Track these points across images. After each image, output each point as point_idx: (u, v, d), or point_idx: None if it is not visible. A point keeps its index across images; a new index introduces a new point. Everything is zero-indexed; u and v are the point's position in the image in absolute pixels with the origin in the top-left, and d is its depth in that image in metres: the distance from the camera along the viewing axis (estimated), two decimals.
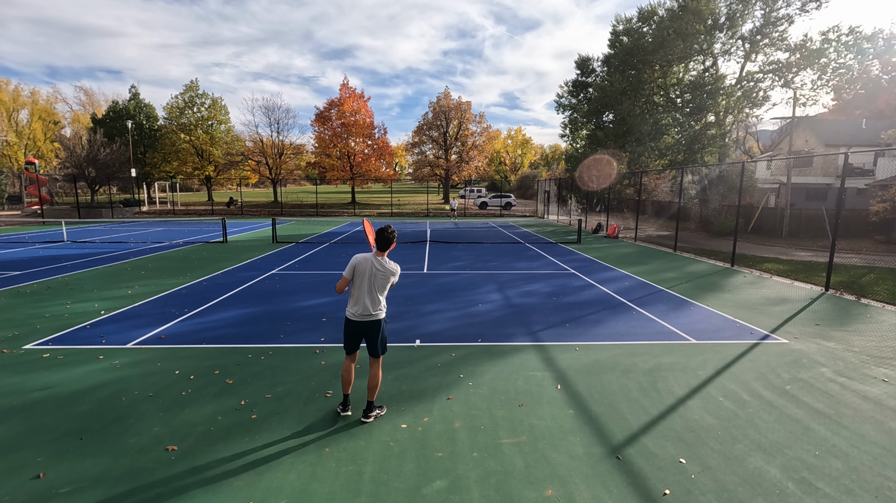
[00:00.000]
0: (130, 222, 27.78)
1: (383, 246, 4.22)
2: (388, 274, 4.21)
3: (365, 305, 4.17)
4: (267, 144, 47.55)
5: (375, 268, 4.16)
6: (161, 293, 9.24)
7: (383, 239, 4.21)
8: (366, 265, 4.16)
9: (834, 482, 3.43)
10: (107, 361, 5.66)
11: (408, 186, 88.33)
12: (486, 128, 55.70)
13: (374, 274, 4.16)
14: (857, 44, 19.58)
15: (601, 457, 3.73)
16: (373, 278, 4.15)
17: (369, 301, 4.17)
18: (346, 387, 4.37)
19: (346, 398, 4.38)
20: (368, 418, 4.23)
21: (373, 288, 4.17)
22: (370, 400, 4.29)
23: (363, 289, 4.17)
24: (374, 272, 4.16)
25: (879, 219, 19.91)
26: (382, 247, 4.22)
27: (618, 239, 20.18)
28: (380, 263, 4.18)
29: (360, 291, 4.18)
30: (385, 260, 4.23)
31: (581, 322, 7.48)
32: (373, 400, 4.29)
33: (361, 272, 4.16)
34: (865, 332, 7.03)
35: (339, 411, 4.37)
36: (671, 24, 21.54)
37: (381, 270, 4.17)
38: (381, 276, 4.18)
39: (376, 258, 4.21)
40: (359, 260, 4.19)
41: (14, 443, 3.90)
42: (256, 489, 3.31)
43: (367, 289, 4.16)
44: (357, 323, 4.22)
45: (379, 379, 4.34)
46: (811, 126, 31.45)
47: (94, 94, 70.10)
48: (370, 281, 4.15)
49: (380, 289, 4.20)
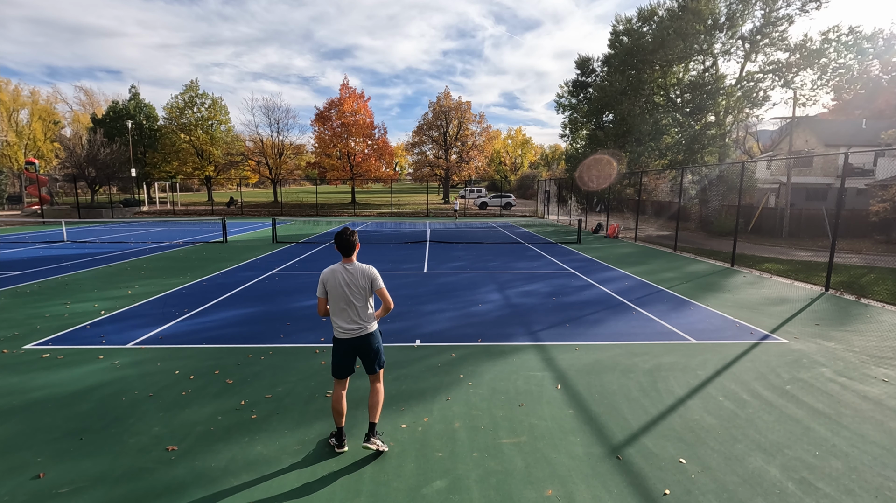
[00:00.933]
0: (130, 222, 27.78)
1: (346, 251, 3.76)
2: (359, 279, 3.72)
3: (351, 319, 3.73)
4: (267, 144, 47.53)
5: (345, 278, 3.70)
6: (161, 293, 9.24)
7: (343, 243, 3.74)
8: (335, 278, 3.71)
9: (834, 482, 3.43)
10: (107, 361, 5.66)
11: (408, 186, 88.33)
12: (486, 128, 55.75)
13: (348, 283, 3.70)
14: (857, 44, 19.58)
15: (601, 457, 3.73)
16: (348, 289, 3.70)
17: (354, 314, 3.73)
18: (340, 419, 3.81)
19: (341, 432, 3.81)
20: (371, 444, 3.69)
21: (351, 299, 3.70)
22: (373, 421, 3.80)
23: (342, 303, 3.72)
24: (346, 282, 3.70)
25: (879, 219, 19.91)
26: (346, 252, 3.76)
27: (618, 239, 20.18)
28: (348, 271, 3.72)
29: (339, 306, 3.73)
30: (354, 265, 3.76)
31: (581, 322, 7.48)
32: (375, 421, 3.81)
33: (333, 286, 3.71)
34: (865, 332, 7.03)
35: (334, 448, 3.79)
36: (671, 24, 21.53)
37: (353, 277, 3.71)
38: (355, 284, 3.71)
39: (343, 266, 3.74)
40: (325, 275, 3.74)
41: (14, 443, 3.90)
42: (256, 489, 3.31)
43: (346, 302, 3.71)
44: (347, 341, 3.77)
45: (382, 395, 3.92)
46: (811, 126, 31.45)
47: (94, 94, 70.15)
48: (347, 292, 3.70)
49: (360, 298, 3.73)
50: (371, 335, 3.82)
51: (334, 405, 3.81)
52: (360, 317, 3.75)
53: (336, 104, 45.05)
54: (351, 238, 3.75)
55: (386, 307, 3.85)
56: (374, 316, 3.86)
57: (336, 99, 45.28)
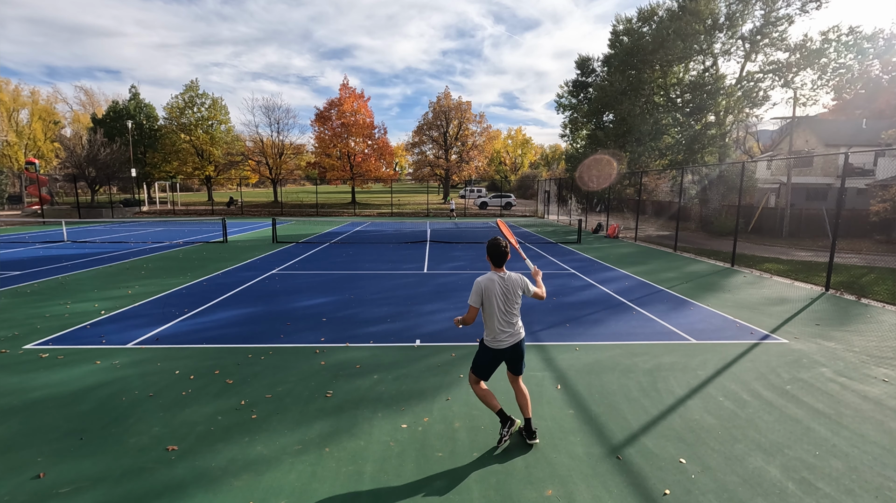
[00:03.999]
0: (130, 222, 27.78)
1: (499, 261, 3.80)
2: (516, 286, 3.80)
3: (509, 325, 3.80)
4: (267, 144, 47.54)
5: (502, 288, 3.76)
6: (161, 293, 9.24)
7: (497, 253, 3.78)
8: (492, 287, 3.74)
9: (834, 482, 3.42)
10: (107, 361, 5.66)
11: (408, 186, 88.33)
12: (486, 128, 55.78)
13: (504, 293, 3.77)
14: (858, 44, 19.59)
15: (601, 457, 3.73)
16: (504, 298, 3.76)
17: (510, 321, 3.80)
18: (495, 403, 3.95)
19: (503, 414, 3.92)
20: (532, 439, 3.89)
21: (506, 308, 3.78)
22: (528, 417, 3.96)
23: (497, 312, 3.76)
24: (502, 291, 3.76)
25: (879, 219, 19.91)
26: (498, 262, 3.80)
27: (618, 239, 20.18)
28: (504, 280, 3.79)
29: (495, 315, 3.77)
30: (507, 274, 3.83)
31: (581, 322, 7.48)
32: (530, 415, 3.97)
33: (489, 296, 3.74)
34: (865, 332, 7.03)
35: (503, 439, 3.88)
36: (671, 25, 21.54)
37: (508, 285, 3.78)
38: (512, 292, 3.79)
39: (499, 276, 3.79)
40: (484, 282, 3.76)
41: (14, 443, 3.89)
42: (256, 489, 3.31)
43: (502, 311, 3.77)
44: (500, 351, 3.83)
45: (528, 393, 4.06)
46: (811, 126, 31.45)
47: (94, 94, 70.14)
48: (502, 301, 3.76)
49: (516, 306, 3.82)
50: (522, 341, 3.90)
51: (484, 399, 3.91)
52: (514, 324, 3.83)
53: (336, 104, 45.06)
54: (505, 250, 3.80)
55: (539, 294, 3.97)
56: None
57: (336, 99, 45.30)
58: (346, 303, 8.50)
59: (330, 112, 45.17)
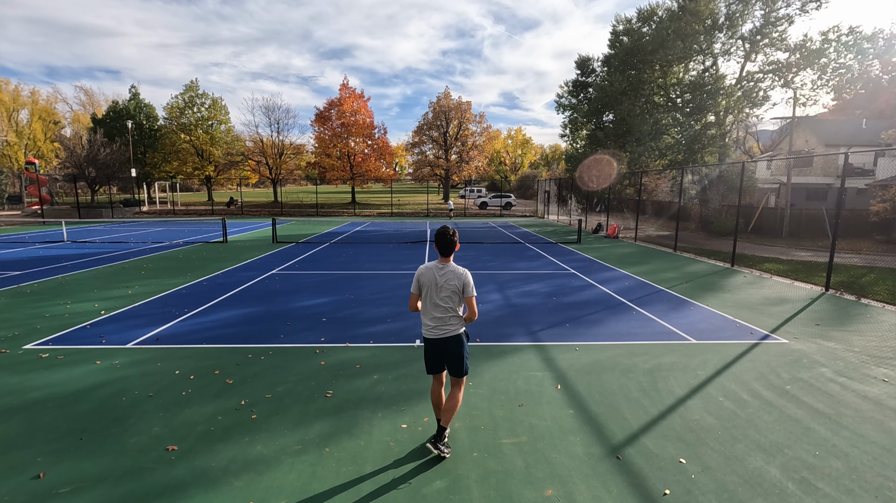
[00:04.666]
0: (130, 222, 27.78)
1: (445, 250, 3.73)
2: (452, 279, 3.67)
3: (436, 318, 3.72)
4: (267, 144, 47.55)
5: (437, 277, 3.69)
6: (161, 293, 9.24)
7: (443, 241, 3.72)
8: (429, 275, 3.71)
9: (834, 482, 3.42)
10: (107, 361, 5.66)
11: (408, 186, 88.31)
12: (486, 128, 55.72)
13: (438, 283, 3.68)
14: (857, 44, 19.58)
15: (601, 457, 3.73)
16: (437, 288, 3.68)
17: (440, 314, 3.70)
18: (436, 411, 3.95)
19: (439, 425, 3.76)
20: (435, 448, 3.63)
21: (437, 300, 3.69)
22: (443, 425, 3.72)
23: (428, 302, 3.73)
24: (437, 282, 3.69)
25: (879, 219, 19.91)
26: (445, 251, 3.74)
27: (618, 239, 20.18)
28: (441, 270, 3.71)
29: (427, 305, 3.75)
30: (448, 265, 3.73)
31: (581, 322, 7.48)
32: (446, 426, 3.73)
33: (426, 283, 3.72)
34: (865, 332, 7.03)
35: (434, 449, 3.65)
36: (670, 25, 21.54)
37: (444, 278, 3.68)
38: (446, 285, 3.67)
39: (437, 265, 3.74)
40: (421, 271, 3.76)
41: (14, 443, 3.89)
42: (256, 489, 3.31)
43: (433, 302, 3.71)
44: (431, 341, 3.77)
45: (459, 401, 3.79)
46: (811, 126, 31.45)
47: (94, 94, 70.13)
48: (434, 292, 3.69)
49: (448, 300, 3.69)
50: (454, 338, 3.73)
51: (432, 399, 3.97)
52: (446, 318, 3.71)
53: (336, 104, 45.05)
54: (452, 238, 3.71)
55: (470, 316, 3.77)
56: (462, 319, 3.79)
57: (336, 99, 45.30)
58: (346, 303, 8.50)
59: (330, 112, 45.16)
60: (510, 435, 4.05)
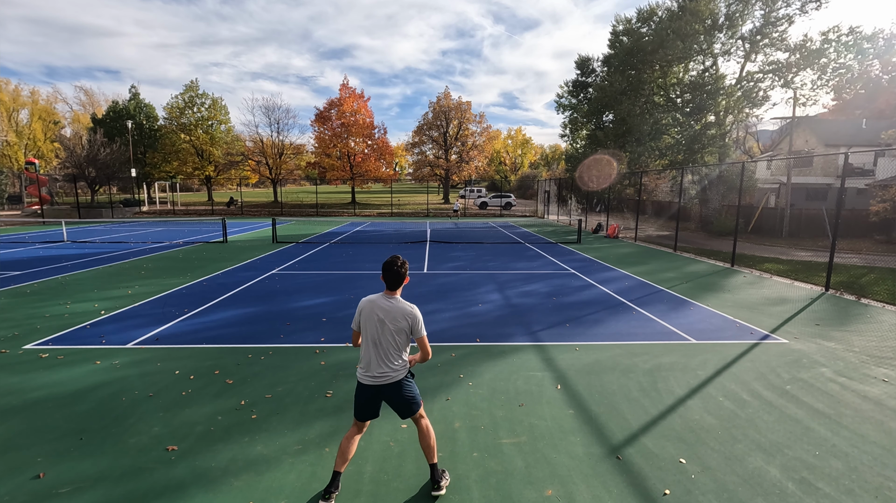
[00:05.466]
0: (130, 222, 27.78)
1: (392, 283, 3.22)
2: (398, 318, 3.14)
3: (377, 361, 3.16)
4: (267, 144, 47.53)
5: (380, 314, 3.16)
6: (161, 293, 9.23)
7: (391, 273, 3.20)
8: (371, 309, 3.19)
9: (834, 482, 3.42)
10: (107, 361, 5.66)
11: (408, 186, 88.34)
12: (486, 128, 55.70)
13: (382, 320, 3.15)
14: (857, 44, 19.58)
15: (601, 457, 3.73)
16: (381, 325, 3.15)
17: (383, 356, 3.15)
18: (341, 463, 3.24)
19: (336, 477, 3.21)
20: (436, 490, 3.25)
21: (379, 338, 3.15)
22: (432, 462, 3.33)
23: (369, 340, 3.19)
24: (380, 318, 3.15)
25: (879, 219, 19.91)
26: (391, 284, 3.22)
27: (618, 239, 20.18)
28: (388, 304, 3.18)
29: (367, 344, 3.21)
30: (395, 300, 3.21)
31: (581, 322, 7.48)
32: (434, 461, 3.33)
33: (367, 318, 3.19)
34: (865, 332, 7.03)
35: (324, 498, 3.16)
36: (670, 25, 21.54)
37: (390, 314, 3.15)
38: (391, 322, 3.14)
39: (384, 299, 3.21)
40: (363, 304, 3.24)
41: (14, 443, 3.89)
42: (256, 489, 3.31)
43: (374, 341, 3.16)
44: (370, 387, 3.19)
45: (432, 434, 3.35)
46: (811, 126, 31.45)
47: (94, 94, 70.10)
48: (378, 329, 3.16)
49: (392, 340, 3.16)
50: (395, 384, 3.19)
51: (340, 449, 3.25)
52: (388, 361, 3.16)
53: (336, 104, 45.04)
54: (401, 270, 3.20)
55: (424, 356, 3.29)
56: (409, 361, 3.29)
57: (336, 99, 45.27)
58: (346, 303, 8.50)
59: (330, 112, 45.15)
60: (510, 435, 4.05)
